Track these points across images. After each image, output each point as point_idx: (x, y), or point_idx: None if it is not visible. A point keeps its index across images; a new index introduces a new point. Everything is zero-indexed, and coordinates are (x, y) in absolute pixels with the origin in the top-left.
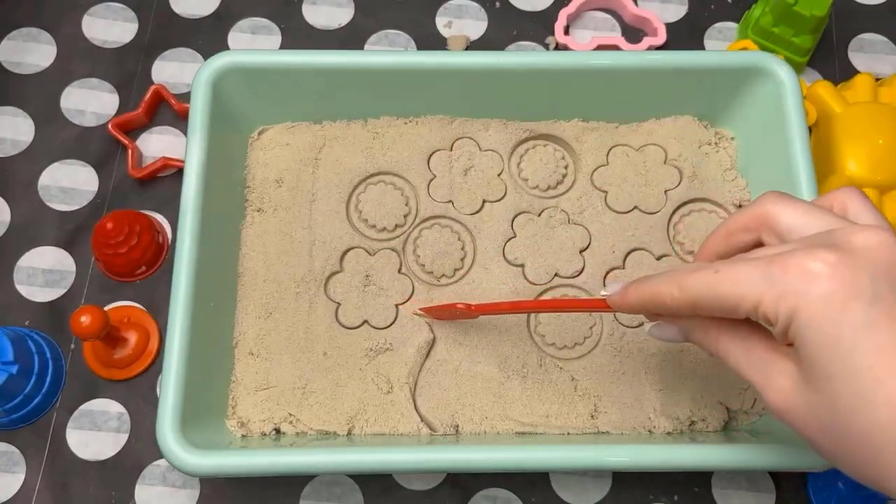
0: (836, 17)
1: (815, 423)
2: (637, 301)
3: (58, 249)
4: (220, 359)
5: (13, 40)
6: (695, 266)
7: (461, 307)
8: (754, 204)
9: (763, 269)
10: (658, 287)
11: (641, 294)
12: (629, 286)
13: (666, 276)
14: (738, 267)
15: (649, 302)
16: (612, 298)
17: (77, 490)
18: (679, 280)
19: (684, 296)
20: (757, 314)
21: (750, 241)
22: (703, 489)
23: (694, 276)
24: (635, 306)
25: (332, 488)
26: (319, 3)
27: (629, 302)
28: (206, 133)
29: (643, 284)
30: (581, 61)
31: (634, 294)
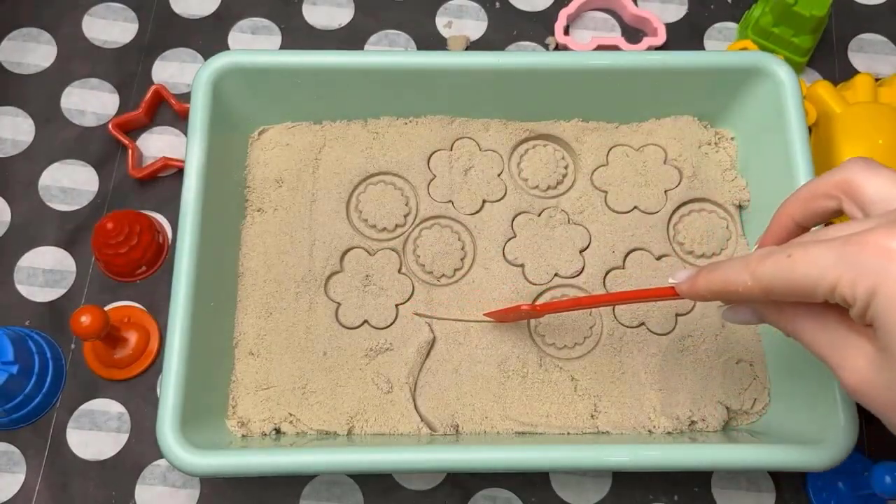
0: (836, 17)
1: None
2: (707, 290)
3: (58, 249)
4: (220, 359)
5: (13, 40)
6: (766, 252)
7: (526, 308)
8: (839, 170)
9: (839, 250)
10: (729, 275)
11: (712, 283)
12: (699, 274)
13: (737, 264)
14: (812, 250)
15: (720, 290)
16: (680, 287)
17: (77, 490)
18: (751, 268)
19: (757, 284)
20: (834, 296)
21: (830, 208)
22: (703, 489)
23: (766, 263)
24: (705, 295)
25: (332, 488)
26: (319, 3)
27: (698, 291)
28: (206, 133)
29: (713, 273)
30: (581, 61)
31: (705, 283)
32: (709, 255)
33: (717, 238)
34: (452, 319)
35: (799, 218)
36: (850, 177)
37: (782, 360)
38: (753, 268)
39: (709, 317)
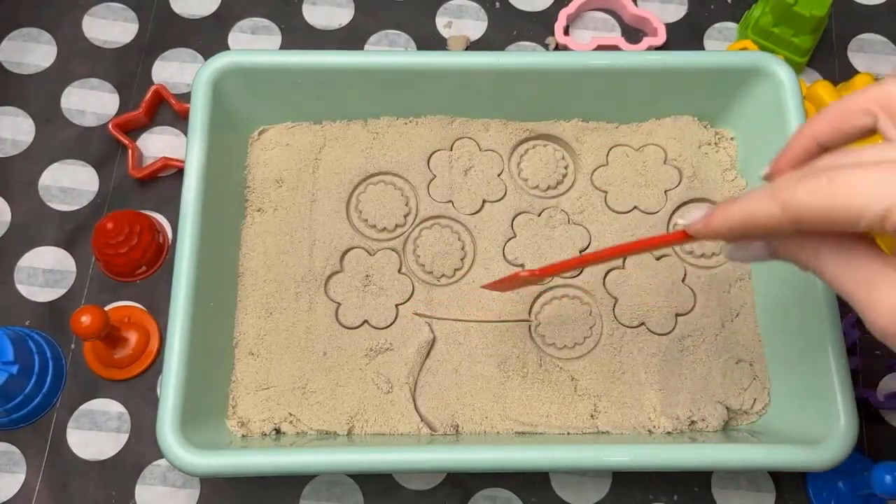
0: (836, 17)
1: None
2: (725, 225)
3: (58, 249)
4: (220, 359)
5: (13, 40)
6: (796, 177)
7: (524, 274)
8: (878, 85)
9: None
10: (752, 206)
11: (730, 216)
12: (715, 210)
13: (761, 193)
14: (858, 173)
15: (740, 225)
16: (694, 227)
17: (77, 490)
18: (781, 196)
19: (788, 213)
20: (885, 226)
21: (865, 126)
22: (703, 489)
23: (800, 190)
24: (722, 232)
25: (332, 488)
26: (319, 3)
27: (714, 228)
28: (206, 133)
29: (732, 206)
30: (581, 61)
31: (722, 218)
32: (708, 255)
33: None
34: (452, 319)
35: (825, 139)
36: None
37: (782, 360)
38: (784, 196)
39: (709, 317)
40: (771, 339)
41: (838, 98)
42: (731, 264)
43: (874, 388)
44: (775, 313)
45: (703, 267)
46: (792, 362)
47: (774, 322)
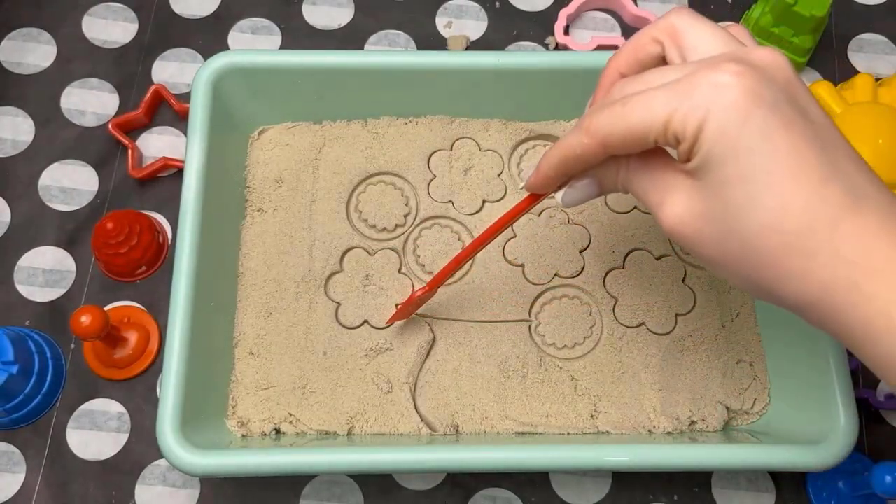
0: (836, 17)
1: (707, 232)
2: (550, 166)
3: (58, 249)
4: (220, 359)
5: (13, 40)
6: (598, 106)
7: (419, 294)
8: (665, 16)
9: (672, 90)
10: (565, 143)
11: (550, 157)
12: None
13: (574, 129)
14: (645, 94)
15: (561, 161)
16: (529, 182)
17: (77, 490)
18: (585, 125)
19: (594, 138)
20: (667, 135)
21: (656, 53)
22: (703, 489)
23: (601, 115)
24: (550, 174)
25: (332, 488)
26: (319, 3)
27: (544, 172)
28: (206, 133)
29: (552, 149)
30: (581, 61)
31: (545, 162)
32: None
33: None
34: (452, 319)
35: (625, 68)
36: (675, 22)
37: (782, 360)
38: (587, 123)
39: (709, 317)
40: (771, 339)
41: (839, 98)
42: None
43: (874, 388)
44: (775, 313)
45: (702, 267)
46: (792, 362)
47: (774, 322)
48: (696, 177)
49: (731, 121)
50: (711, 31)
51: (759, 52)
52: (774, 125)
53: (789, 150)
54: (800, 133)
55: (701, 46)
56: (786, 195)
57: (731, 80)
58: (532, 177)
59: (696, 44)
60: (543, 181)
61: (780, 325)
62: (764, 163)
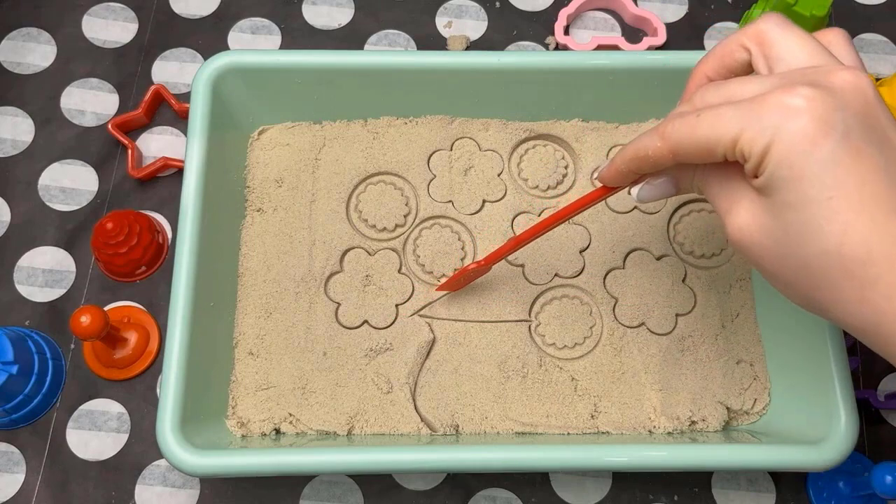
0: (836, 17)
1: (767, 246)
2: (623, 163)
3: (58, 249)
4: (220, 359)
5: (13, 40)
6: (676, 113)
7: (472, 267)
8: (755, 22)
9: (744, 109)
10: (640, 142)
11: (625, 154)
12: (615, 156)
13: (648, 131)
14: (719, 109)
15: (633, 159)
16: (601, 173)
17: (77, 490)
18: (660, 130)
19: (666, 144)
20: (734, 151)
21: (743, 60)
22: (703, 489)
23: (675, 123)
24: (623, 169)
25: (332, 488)
26: (319, 3)
27: (617, 167)
28: (206, 133)
29: (627, 147)
30: (581, 61)
31: (620, 158)
32: (709, 255)
33: (717, 238)
34: (452, 319)
35: (712, 73)
36: (764, 29)
37: (782, 361)
38: (663, 129)
39: (709, 317)
40: (771, 339)
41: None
42: (731, 264)
43: (874, 388)
44: (775, 313)
45: (703, 267)
46: (792, 362)
47: (774, 322)
48: (762, 193)
49: (796, 148)
50: (800, 41)
51: (841, 75)
52: (842, 155)
53: (855, 181)
54: (869, 164)
55: (788, 57)
56: (847, 225)
57: (803, 105)
58: (605, 169)
59: (784, 54)
60: (615, 175)
61: (780, 325)
62: (827, 192)
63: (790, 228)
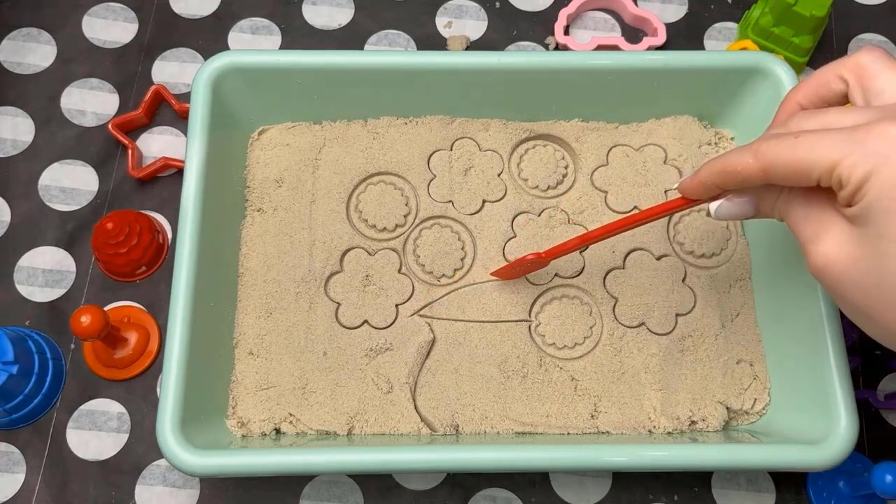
0: (836, 17)
1: (854, 278)
2: (709, 176)
3: (58, 249)
4: (220, 359)
5: (13, 40)
6: (773, 133)
7: (531, 257)
8: (856, 55)
9: (846, 135)
10: (730, 157)
11: (714, 167)
12: (701, 167)
13: (740, 147)
14: (819, 133)
15: (721, 173)
16: (683, 184)
17: (77, 490)
18: (755, 147)
19: (759, 162)
20: (830, 177)
21: (839, 91)
22: (703, 489)
23: (771, 142)
24: (707, 183)
25: (332, 488)
26: (319, 3)
27: (702, 180)
28: (206, 133)
29: (716, 159)
30: (581, 61)
31: (707, 170)
32: (709, 255)
33: (717, 238)
34: (452, 319)
35: (805, 102)
36: (864, 62)
37: (782, 361)
38: (757, 146)
39: (709, 317)
40: (771, 339)
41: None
42: (731, 264)
43: (874, 389)
44: (775, 313)
45: (703, 267)
46: (792, 362)
47: (774, 322)
48: (854, 223)
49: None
50: None
51: None
52: None
53: None
54: None
55: (889, 90)
56: None
57: None
58: (688, 180)
59: (884, 87)
60: (698, 187)
61: (780, 325)
62: None
63: (884, 260)
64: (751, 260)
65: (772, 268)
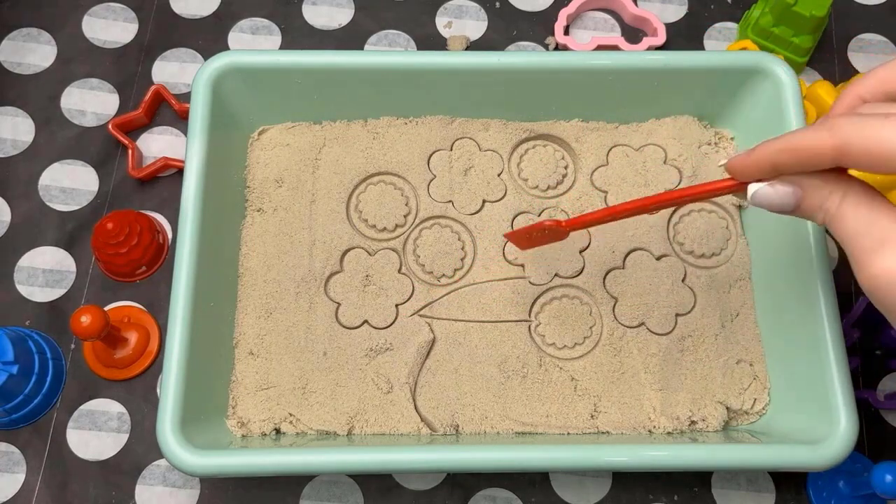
0: (836, 17)
1: None
2: (769, 153)
3: (58, 249)
4: (220, 359)
5: (13, 40)
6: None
7: (549, 223)
8: None
9: None
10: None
11: (773, 142)
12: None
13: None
14: None
15: (784, 150)
16: (732, 162)
17: (77, 490)
18: (831, 123)
19: (834, 138)
20: None
21: None
22: (702, 489)
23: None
24: (763, 162)
25: (332, 488)
26: (319, 3)
27: (758, 158)
28: (206, 133)
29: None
30: (581, 61)
31: (765, 146)
32: (709, 255)
33: (717, 238)
34: (452, 319)
35: (868, 96)
36: None
37: (782, 360)
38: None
39: (709, 317)
40: (771, 339)
41: (837, 94)
42: (731, 264)
43: (874, 388)
44: (775, 313)
45: (703, 267)
46: (792, 362)
47: (774, 322)
48: None
49: None
50: None
51: None
52: None
53: None
54: None
55: None
56: None
57: None
58: (741, 156)
59: None
60: (751, 166)
61: (780, 325)
62: None
63: None
64: (751, 260)
65: (772, 268)
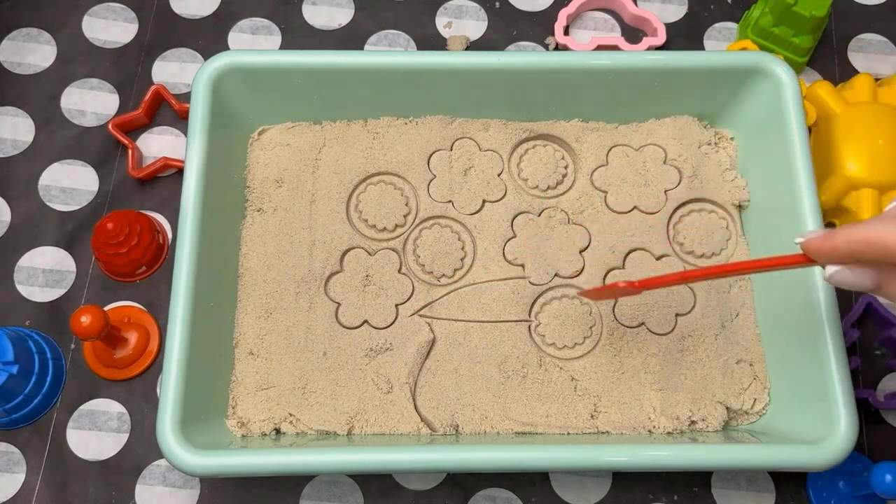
0: (836, 17)
1: None
2: (847, 242)
3: (58, 249)
4: (220, 359)
5: (13, 40)
6: None
7: (623, 285)
8: None
9: None
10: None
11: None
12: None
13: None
14: None
15: (863, 243)
16: (812, 244)
17: (77, 490)
18: None
19: None
20: None
21: None
22: (702, 489)
23: None
24: (841, 251)
25: (332, 488)
26: (319, 3)
27: (837, 246)
28: (206, 133)
29: (856, 226)
30: (581, 61)
31: (844, 236)
32: (709, 255)
33: (717, 238)
34: (452, 319)
35: None
36: None
37: (782, 360)
38: None
39: (709, 317)
40: (771, 339)
41: (839, 98)
42: None
43: (874, 388)
44: (775, 313)
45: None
46: (792, 362)
47: (774, 322)
48: None
49: None
50: None
51: None
52: None
53: None
54: None
55: None
56: None
57: None
58: (819, 240)
59: None
60: (830, 252)
61: (780, 325)
62: None
63: None
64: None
65: None
